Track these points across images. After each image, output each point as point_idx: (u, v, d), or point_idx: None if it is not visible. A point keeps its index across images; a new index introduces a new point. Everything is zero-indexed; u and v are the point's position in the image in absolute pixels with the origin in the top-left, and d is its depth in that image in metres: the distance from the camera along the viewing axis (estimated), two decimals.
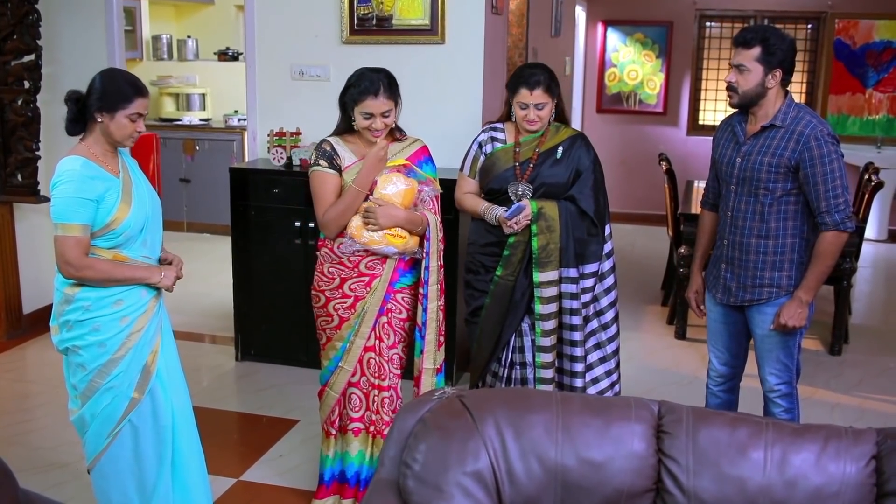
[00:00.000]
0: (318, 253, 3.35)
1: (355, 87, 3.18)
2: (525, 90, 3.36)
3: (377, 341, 3.30)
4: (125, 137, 2.84)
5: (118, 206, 2.79)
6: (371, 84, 3.16)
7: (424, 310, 3.29)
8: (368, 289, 3.25)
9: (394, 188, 3.20)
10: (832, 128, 3.19)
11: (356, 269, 3.25)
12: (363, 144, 3.27)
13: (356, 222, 3.19)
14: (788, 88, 3.27)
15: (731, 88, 3.24)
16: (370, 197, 3.18)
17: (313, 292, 3.34)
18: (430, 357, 3.33)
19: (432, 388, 3.31)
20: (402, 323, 3.35)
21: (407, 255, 3.28)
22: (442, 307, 3.37)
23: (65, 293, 2.83)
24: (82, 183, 2.74)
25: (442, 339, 3.38)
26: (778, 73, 3.17)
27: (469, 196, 3.56)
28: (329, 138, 3.30)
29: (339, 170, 3.24)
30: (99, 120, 2.80)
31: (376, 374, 3.31)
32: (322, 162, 3.24)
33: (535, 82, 3.35)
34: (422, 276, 3.29)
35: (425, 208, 3.29)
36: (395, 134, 3.37)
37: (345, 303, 3.27)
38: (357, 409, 3.35)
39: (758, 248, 3.28)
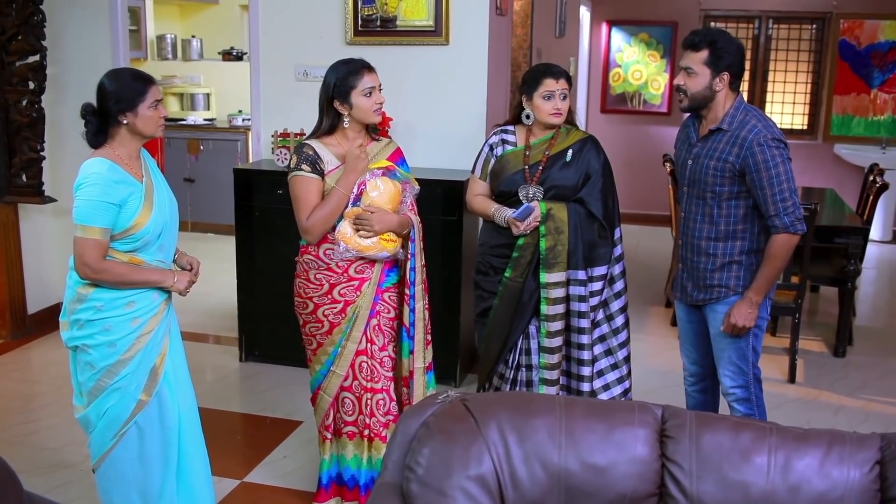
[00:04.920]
0: (298, 260, 3.31)
1: (345, 73, 3.17)
2: (550, 79, 3.39)
3: (369, 344, 3.29)
4: (154, 127, 2.86)
5: (140, 212, 2.80)
6: (359, 63, 3.21)
7: (412, 310, 3.30)
8: (358, 293, 3.24)
9: (383, 192, 3.18)
10: (779, 129, 3.19)
11: (345, 274, 3.23)
12: (344, 145, 3.23)
13: (347, 230, 3.16)
14: (741, 91, 3.28)
15: (679, 90, 3.25)
16: (360, 203, 3.17)
17: (298, 299, 3.31)
18: (420, 356, 3.35)
19: (424, 387, 3.36)
20: (390, 323, 3.35)
21: (393, 257, 3.28)
22: (427, 306, 3.38)
23: (78, 292, 2.83)
24: (107, 187, 2.74)
25: (429, 337, 3.40)
26: (725, 76, 3.17)
27: (479, 198, 3.57)
28: (309, 142, 3.24)
29: (321, 174, 3.19)
30: (124, 122, 2.80)
31: (368, 378, 3.31)
32: (305, 167, 3.18)
33: (560, 72, 3.41)
34: (407, 277, 3.29)
35: (406, 209, 3.29)
36: (371, 134, 3.36)
37: (335, 308, 3.25)
38: (350, 412, 3.34)
39: (707, 249, 3.30)
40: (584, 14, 8.97)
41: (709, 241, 3.29)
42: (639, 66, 9.42)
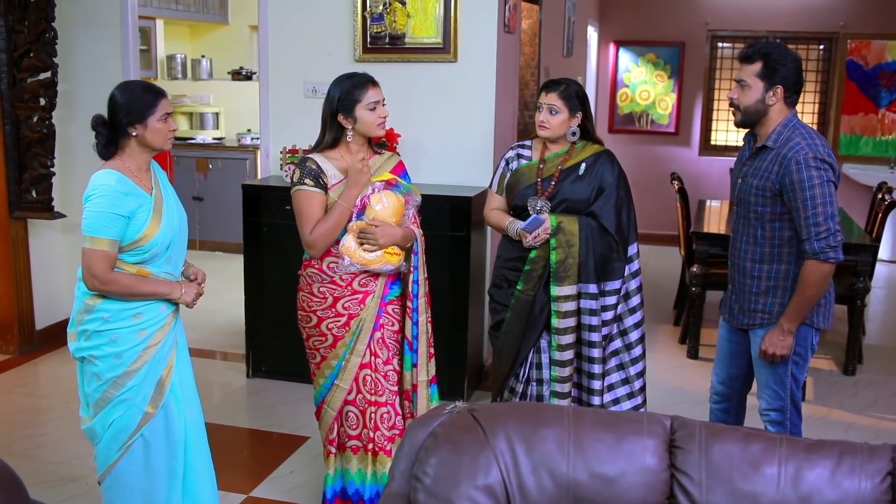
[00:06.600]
0: (302, 274, 3.30)
1: (349, 87, 3.18)
2: (542, 91, 3.44)
3: (372, 357, 3.28)
4: (163, 140, 2.87)
5: (148, 224, 2.80)
6: (363, 76, 3.21)
7: (415, 323, 3.28)
8: (362, 306, 3.23)
9: (387, 206, 3.18)
10: (827, 150, 3.06)
11: (349, 287, 3.22)
12: (347, 158, 3.23)
13: (351, 243, 3.15)
14: (797, 108, 3.18)
15: (733, 105, 3.18)
16: (363, 217, 3.16)
17: (302, 313, 3.30)
18: (424, 369, 3.33)
19: (428, 400, 3.35)
20: (394, 336, 3.33)
21: (397, 270, 3.27)
22: (430, 319, 3.37)
23: (85, 303, 2.84)
24: (116, 199, 2.75)
25: (432, 350, 3.39)
26: (779, 89, 3.08)
27: (495, 212, 3.60)
28: (313, 156, 3.23)
29: (325, 188, 3.18)
30: (134, 134, 2.82)
31: (372, 391, 3.29)
32: (308, 181, 3.17)
33: (553, 87, 3.42)
34: (409, 290, 3.28)
35: (408, 222, 3.28)
36: (374, 148, 3.36)
37: (338, 321, 3.24)
38: (354, 426, 3.32)
39: (752, 272, 3.22)
40: (592, 34, 9.01)
41: (753, 263, 3.21)
42: (646, 86, 9.44)
